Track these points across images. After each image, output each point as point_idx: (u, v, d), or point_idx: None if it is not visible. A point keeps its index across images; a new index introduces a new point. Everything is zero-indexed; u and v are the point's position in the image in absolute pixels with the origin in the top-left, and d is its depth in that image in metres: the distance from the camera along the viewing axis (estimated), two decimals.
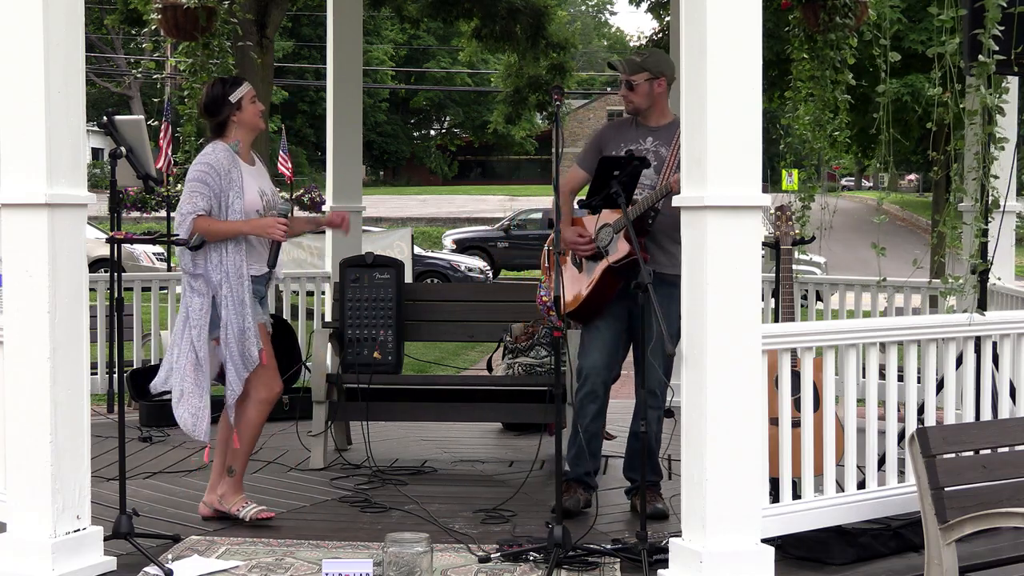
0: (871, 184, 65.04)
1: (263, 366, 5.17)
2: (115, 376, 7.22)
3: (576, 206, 5.27)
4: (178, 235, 5.05)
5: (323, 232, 5.25)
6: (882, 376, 5.68)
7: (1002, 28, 4.84)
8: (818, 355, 4.79)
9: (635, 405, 5.47)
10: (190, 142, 7.76)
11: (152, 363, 8.25)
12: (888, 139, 5.29)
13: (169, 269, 14.90)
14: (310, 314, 8.63)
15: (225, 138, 5.26)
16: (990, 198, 5.05)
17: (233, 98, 5.22)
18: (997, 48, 4.84)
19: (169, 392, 5.13)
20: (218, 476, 5.32)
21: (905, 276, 7.47)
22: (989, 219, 5.06)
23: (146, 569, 4.54)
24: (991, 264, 5.34)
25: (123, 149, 5.07)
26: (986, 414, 5.09)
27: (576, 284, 5.40)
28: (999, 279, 6.53)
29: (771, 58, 15.63)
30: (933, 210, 22.15)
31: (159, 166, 15.64)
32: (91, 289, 7.33)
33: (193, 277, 5.13)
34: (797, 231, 6.03)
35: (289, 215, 5.17)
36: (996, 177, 5.14)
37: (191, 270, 5.12)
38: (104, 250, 17.67)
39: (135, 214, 25.70)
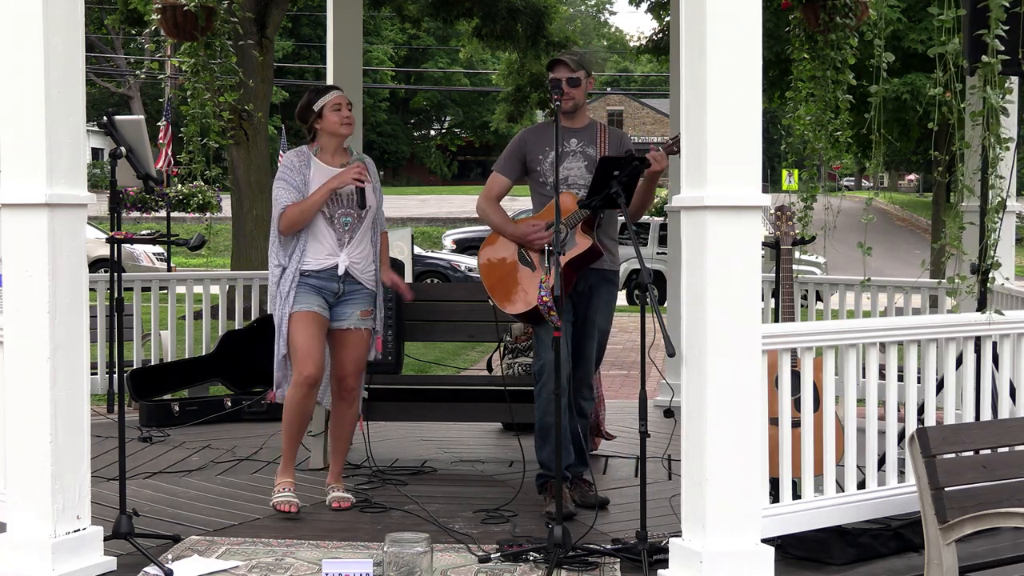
0: (871, 184, 65.05)
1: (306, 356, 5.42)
2: (115, 376, 7.22)
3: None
4: (177, 235, 5.09)
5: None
6: (882, 376, 5.68)
7: (1006, 28, 4.84)
8: (818, 355, 4.79)
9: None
10: (193, 142, 7.76)
11: (152, 363, 8.26)
12: (879, 140, 5.28)
13: (169, 269, 14.88)
14: None
15: (312, 143, 5.58)
16: (995, 199, 5.05)
17: (316, 107, 5.50)
18: (1003, 48, 4.83)
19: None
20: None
21: (904, 276, 7.48)
22: (997, 219, 5.05)
23: (146, 569, 4.54)
24: (1000, 264, 5.34)
25: (123, 149, 5.07)
26: (986, 414, 5.09)
27: (533, 285, 5.38)
28: (1006, 279, 6.53)
29: (771, 58, 15.62)
30: (933, 210, 22.12)
31: (159, 166, 15.64)
32: (91, 289, 7.34)
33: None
34: (798, 231, 6.03)
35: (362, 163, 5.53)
36: (1002, 177, 5.13)
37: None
38: (104, 250, 17.71)
39: (135, 214, 25.69)
